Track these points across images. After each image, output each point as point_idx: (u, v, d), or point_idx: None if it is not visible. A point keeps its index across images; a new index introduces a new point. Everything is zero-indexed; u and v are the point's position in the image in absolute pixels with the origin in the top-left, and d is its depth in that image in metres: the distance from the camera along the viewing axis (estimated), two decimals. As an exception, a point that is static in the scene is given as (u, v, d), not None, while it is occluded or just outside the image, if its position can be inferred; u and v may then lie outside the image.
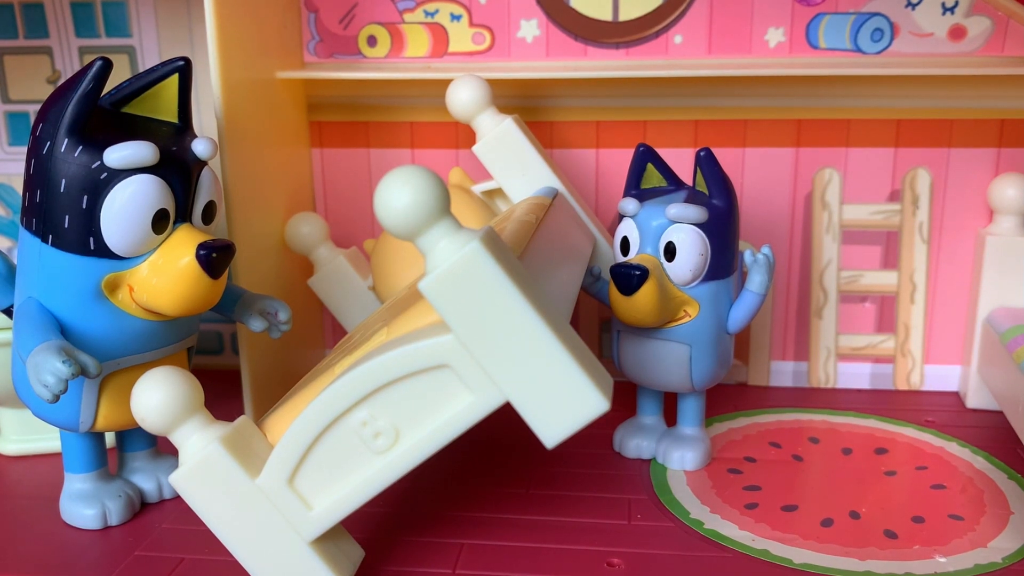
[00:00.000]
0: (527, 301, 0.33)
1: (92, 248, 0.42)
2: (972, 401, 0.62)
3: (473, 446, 0.55)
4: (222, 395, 0.55)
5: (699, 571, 0.43)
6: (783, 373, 0.66)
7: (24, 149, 0.68)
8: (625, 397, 0.56)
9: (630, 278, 0.48)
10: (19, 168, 0.69)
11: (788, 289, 0.65)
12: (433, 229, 0.33)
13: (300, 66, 0.64)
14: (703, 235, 0.49)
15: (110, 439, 0.52)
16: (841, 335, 0.65)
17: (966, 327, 0.64)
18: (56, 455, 0.56)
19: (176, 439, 0.39)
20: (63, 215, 0.42)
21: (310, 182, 0.66)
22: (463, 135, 0.65)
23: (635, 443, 0.55)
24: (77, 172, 0.41)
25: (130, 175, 0.42)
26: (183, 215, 0.44)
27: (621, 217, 0.52)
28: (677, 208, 0.49)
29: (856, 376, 0.66)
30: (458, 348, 0.35)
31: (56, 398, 0.40)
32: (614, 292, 0.49)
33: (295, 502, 0.39)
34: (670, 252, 0.50)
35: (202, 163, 0.45)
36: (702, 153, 0.50)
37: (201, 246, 0.42)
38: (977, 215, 0.63)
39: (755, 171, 0.64)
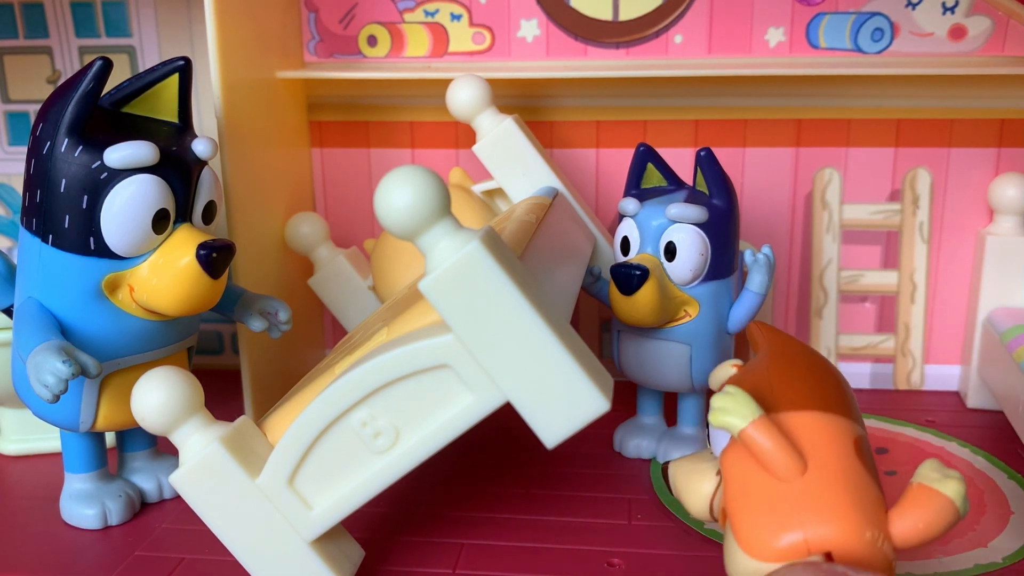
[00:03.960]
0: (527, 301, 0.33)
1: (92, 248, 0.42)
2: (972, 401, 0.62)
3: (473, 446, 0.55)
4: (222, 395, 0.55)
5: (699, 571, 0.43)
6: (783, 373, 0.66)
7: (24, 149, 0.68)
8: (625, 397, 0.56)
9: (630, 278, 0.48)
10: (19, 168, 0.69)
11: (788, 289, 0.65)
12: (433, 229, 0.33)
13: (300, 66, 0.64)
14: (703, 235, 0.49)
15: (110, 439, 0.52)
16: (841, 335, 0.65)
17: (966, 327, 0.64)
18: (56, 455, 0.56)
19: (176, 439, 0.39)
20: (63, 215, 0.42)
21: (310, 182, 0.66)
22: (463, 135, 0.65)
23: (635, 443, 0.55)
24: (77, 172, 0.41)
25: (130, 175, 0.42)
26: (183, 215, 0.44)
27: (621, 217, 0.52)
28: (677, 208, 0.49)
29: (856, 376, 0.66)
30: (458, 348, 0.35)
31: (56, 398, 0.40)
32: (614, 292, 0.49)
33: (295, 502, 0.39)
34: (670, 252, 0.50)
35: (202, 163, 0.45)
36: (702, 153, 0.50)
37: (201, 246, 0.42)
38: (977, 215, 0.63)
39: (755, 171, 0.64)
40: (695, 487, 0.39)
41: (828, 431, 0.36)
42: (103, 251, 0.42)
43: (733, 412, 0.35)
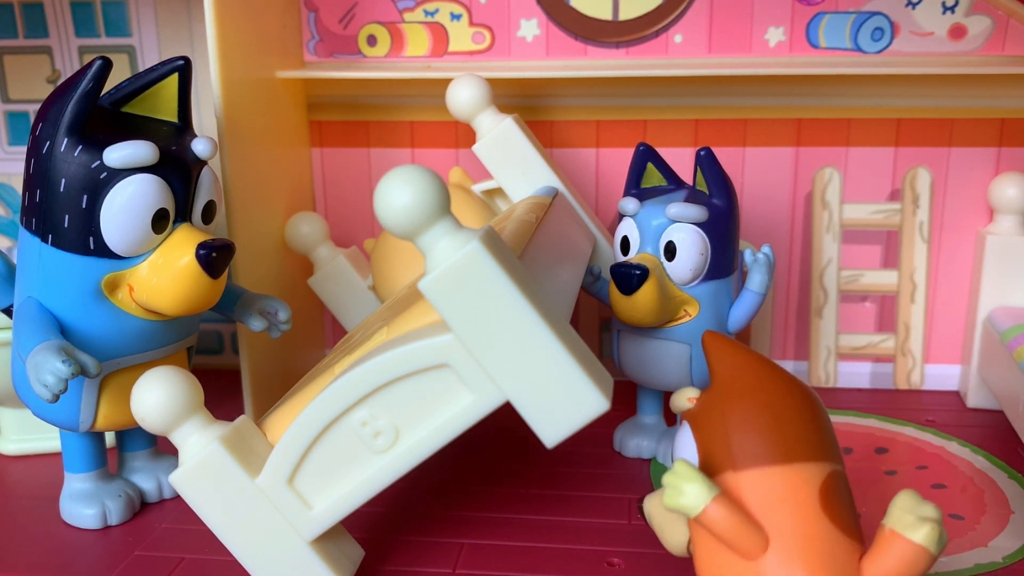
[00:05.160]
0: (527, 301, 0.33)
1: (92, 248, 0.42)
2: (972, 400, 0.62)
3: (473, 446, 0.55)
4: (222, 395, 0.55)
5: (699, 571, 0.43)
6: (783, 373, 0.66)
7: (24, 149, 0.68)
8: (625, 397, 0.56)
9: (630, 278, 0.48)
10: (19, 168, 0.69)
11: (788, 288, 0.65)
12: (433, 229, 0.33)
13: (300, 66, 0.64)
14: (703, 234, 0.49)
15: (110, 439, 0.52)
16: (841, 334, 0.65)
17: (966, 326, 0.64)
18: (56, 455, 0.56)
19: (176, 439, 0.39)
20: (63, 215, 0.42)
21: (310, 182, 0.66)
22: (463, 135, 0.65)
23: (635, 443, 0.55)
24: (77, 172, 0.41)
25: (130, 175, 0.42)
26: (183, 215, 0.44)
27: (621, 216, 0.52)
28: (677, 207, 0.49)
29: (856, 375, 0.66)
30: (458, 348, 0.35)
31: (56, 398, 0.40)
32: (614, 292, 0.49)
33: (295, 502, 0.39)
34: (670, 251, 0.50)
35: (202, 163, 0.45)
36: (702, 153, 0.50)
37: (201, 246, 0.42)
38: (977, 215, 0.63)
39: (755, 171, 0.64)
40: (671, 531, 0.38)
41: (790, 488, 0.35)
42: (103, 251, 0.42)
43: (687, 494, 0.34)
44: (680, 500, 0.34)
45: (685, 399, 0.39)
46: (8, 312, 0.47)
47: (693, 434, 0.38)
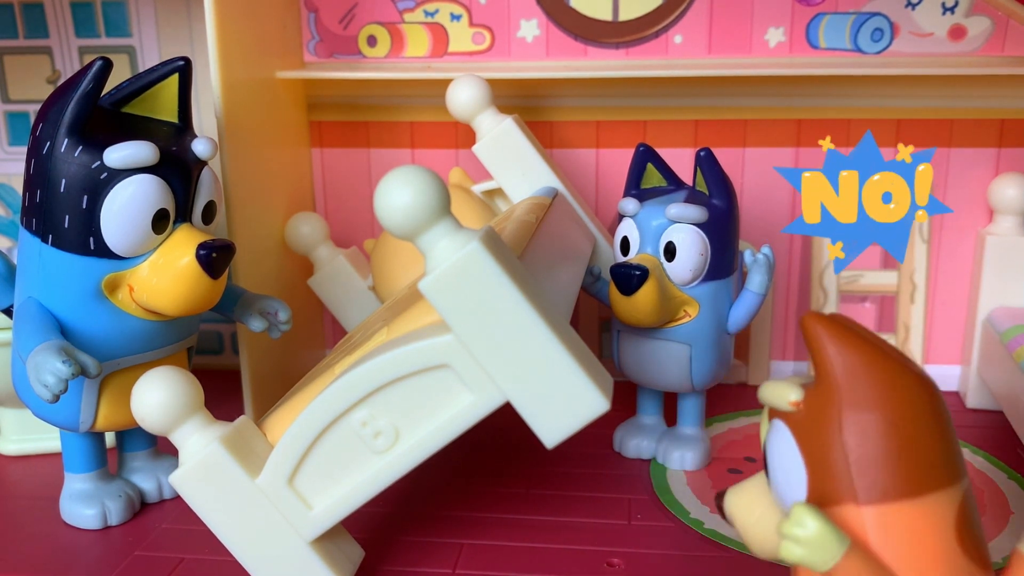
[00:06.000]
0: (527, 301, 0.33)
1: (92, 248, 0.42)
2: (972, 401, 0.62)
3: (473, 446, 0.55)
4: (222, 395, 0.55)
5: (699, 571, 0.43)
6: (783, 373, 0.66)
7: (24, 149, 0.68)
8: (625, 397, 0.56)
9: (630, 278, 0.48)
10: (19, 168, 0.69)
11: (788, 289, 0.65)
12: (433, 229, 0.33)
13: (300, 66, 0.64)
14: (703, 235, 0.49)
15: (110, 439, 0.52)
16: (841, 335, 0.65)
17: (966, 327, 0.64)
18: (56, 455, 0.56)
19: (176, 439, 0.39)
20: (63, 215, 0.42)
21: (310, 182, 0.66)
22: (463, 135, 0.65)
23: (635, 443, 0.55)
24: (77, 172, 0.41)
25: (130, 175, 0.42)
26: (183, 215, 0.44)
27: (621, 217, 0.52)
28: (677, 208, 0.49)
29: (856, 376, 0.66)
30: (458, 348, 0.35)
31: (56, 398, 0.40)
32: (614, 292, 0.49)
33: (295, 502, 0.39)
34: (670, 252, 0.50)
35: (202, 163, 0.45)
36: (702, 153, 0.50)
37: (201, 246, 0.42)
38: (977, 215, 0.63)
39: (755, 171, 0.64)
40: (761, 536, 0.34)
41: (925, 526, 0.30)
42: (103, 251, 0.42)
43: (812, 547, 0.29)
44: (803, 555, 0.30)
45: (787, 401, 0.32)
46: (8, 312, 0.47)
47: (798, 445, 0.32)
